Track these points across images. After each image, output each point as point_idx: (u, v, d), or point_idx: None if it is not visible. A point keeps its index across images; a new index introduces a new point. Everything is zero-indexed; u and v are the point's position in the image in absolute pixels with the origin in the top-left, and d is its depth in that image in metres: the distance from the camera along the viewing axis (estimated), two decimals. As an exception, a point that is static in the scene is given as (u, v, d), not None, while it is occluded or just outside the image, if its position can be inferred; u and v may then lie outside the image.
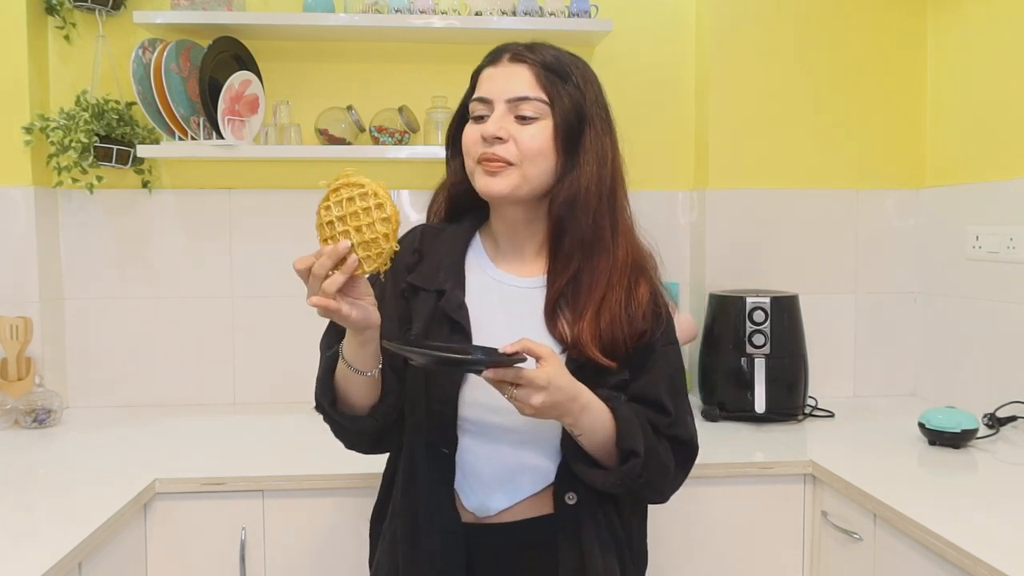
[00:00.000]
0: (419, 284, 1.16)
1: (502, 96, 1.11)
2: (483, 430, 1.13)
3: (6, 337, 2.01)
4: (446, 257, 1.18)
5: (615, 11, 2.23)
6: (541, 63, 1.12)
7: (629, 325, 1.12)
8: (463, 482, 1.14)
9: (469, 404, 1.12)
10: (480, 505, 1.14)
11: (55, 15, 2.11)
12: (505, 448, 1.13)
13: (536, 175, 1.12)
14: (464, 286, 1.17)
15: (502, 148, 1.10)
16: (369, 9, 2.10)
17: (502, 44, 1.17)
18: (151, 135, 2.15)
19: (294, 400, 2.21)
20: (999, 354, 2.00)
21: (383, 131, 2.14)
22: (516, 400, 1.00)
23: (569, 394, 1.02)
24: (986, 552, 1.20)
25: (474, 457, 1.14)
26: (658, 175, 2.35)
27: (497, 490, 1.13)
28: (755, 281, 2.26)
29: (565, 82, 1.12)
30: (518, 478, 1.13)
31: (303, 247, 2.26)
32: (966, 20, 2.15)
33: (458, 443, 1.13)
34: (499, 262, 1.20)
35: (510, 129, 1.10)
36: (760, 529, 1.72)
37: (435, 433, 1.13)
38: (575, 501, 1.12)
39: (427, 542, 1.12)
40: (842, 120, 2.29)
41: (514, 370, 0.98)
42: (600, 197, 1.13)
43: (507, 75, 1.12)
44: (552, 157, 1.12)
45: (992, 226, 2.02)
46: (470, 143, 1.14)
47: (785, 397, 2.03)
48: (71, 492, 1.55)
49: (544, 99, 1.11)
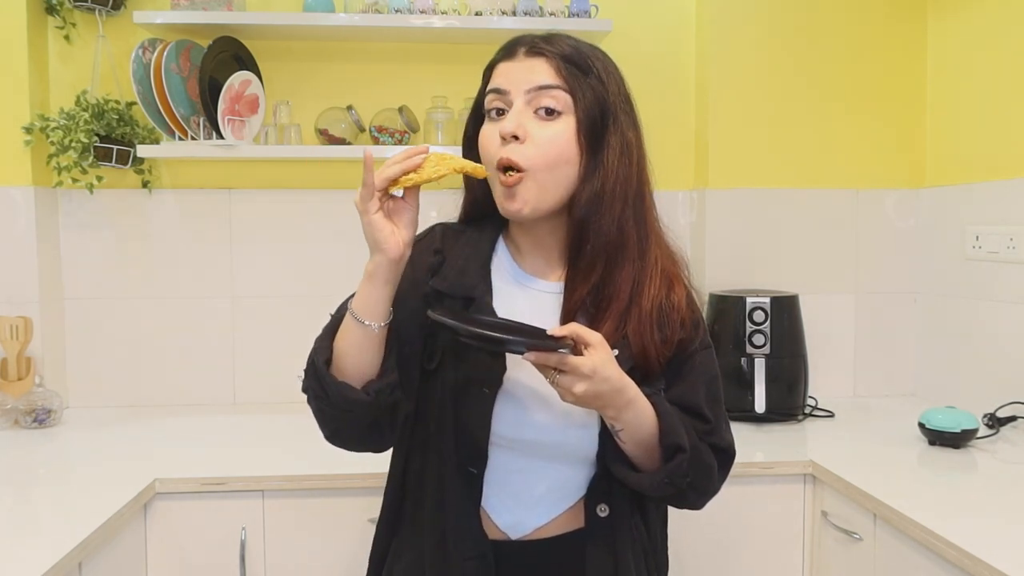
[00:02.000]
0: (444, 290, 1.08)
1: (521, 86, 1.03)
2: (514, 445, 1.07)
3: (6, 337, 2.01)
4: (472, 261, 1.11)
5: (615, 11, 2.23)
6: (560, 55, 1.04)
7: (660, 336, 1.06)
8: (493, 500, 1.08)
9: (502, 419, 1.05)
10: (515, 523, 1.08)
11: (55, 15, 2.11)
12: (539, 463, 1.07)
13: (553, 184, 1.03)
14: (492, 292, 1.09)
15: (517, 152, 1.01)
16: (369, 9, 2.10)
17: (516, 37, 1.09)
18: (151, 135, 2.15)
19: (294, 400, 2.21)
20: (999, 354, 2.00)
21: (383, 131, 2.14)
22: (558, 386, 0.95)
23: (615, 386, 0.97)
24: (986, 552, 1.20)
25: (505, 474, 1.07)
26: (658, 175, 2.29)
27: (532, 507, 1.08)
28: (755, 281, 2.26)
29: (587, 75, 1.05)
30: (552, 493, 1.08)
31: (303, 247, 2.28)
32: (966, 20, 2.15)
33: (488, 461, 1.07)
34: (524, 267, 1.13)
35: (528, 127, 1.02)
36: (760, 529, 1.72)
37: (464, 452, 1.06)
38: (607, 513, 1.08)
39: (455, 568, 1.05)
40: (842, 120, 2.29)
41: (558, 355, 0.93)
42: (625, 199, 1.06)
43: (525, 67, 1.04)
44: (575, 161, 1.04)
45: (992, 226, 2.02)
46: (488, 145, 1.05)
47: (785, 397, 2.04)
48: (71, 492, 1.55)
49: (564, 88, 1.03)
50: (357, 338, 1.00)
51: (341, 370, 1.02)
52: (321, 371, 1.01)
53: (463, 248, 1.12)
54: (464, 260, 1.11)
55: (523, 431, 1.06)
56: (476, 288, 1.08)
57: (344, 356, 1.02)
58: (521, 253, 1.13)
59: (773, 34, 2.26)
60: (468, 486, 1.06)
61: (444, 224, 1.19)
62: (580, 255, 1.06)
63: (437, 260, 1.11)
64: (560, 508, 1.09)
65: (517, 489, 1.08)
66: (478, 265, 1.10)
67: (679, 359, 1.10)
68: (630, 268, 1.06)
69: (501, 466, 1.07)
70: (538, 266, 1.12)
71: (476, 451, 1.06)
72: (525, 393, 1.05)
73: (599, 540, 1.08)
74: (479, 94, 1.10)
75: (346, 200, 2.25)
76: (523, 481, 1.08)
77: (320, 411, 1.04)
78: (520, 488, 1.08)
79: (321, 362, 1.01)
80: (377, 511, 1.19)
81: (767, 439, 1.89)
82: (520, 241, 1.13)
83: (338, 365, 1.02)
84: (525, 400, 1.06)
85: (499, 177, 1.04)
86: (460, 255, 1.11)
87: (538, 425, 1.05)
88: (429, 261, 1.11)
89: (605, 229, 1.05)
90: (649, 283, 1.07)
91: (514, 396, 1.06)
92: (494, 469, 1.07)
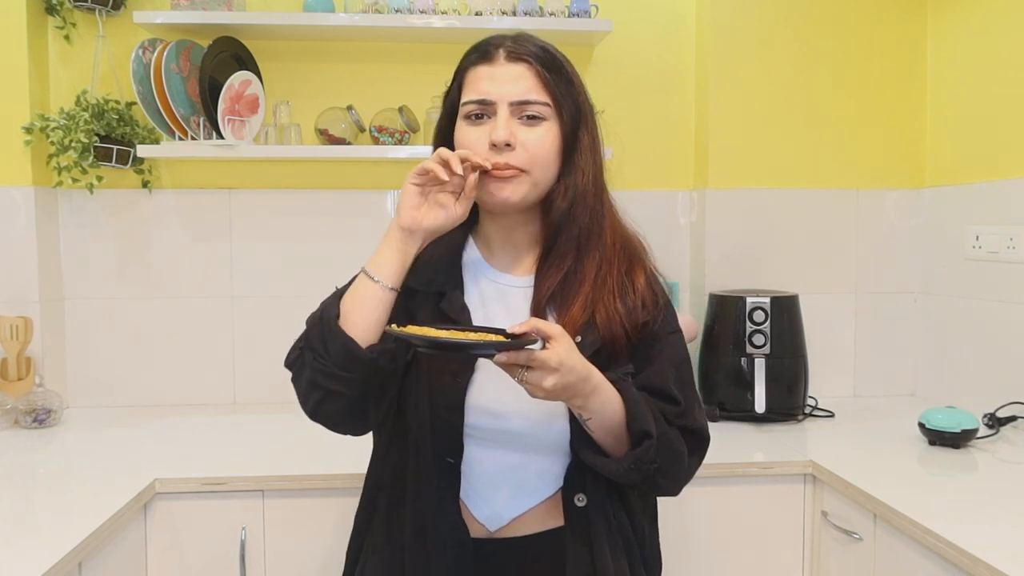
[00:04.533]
0: (417, 286, 1.13)
1: (506, 98, 1.08)
2: (490, 436, 1.10)
3: (6, 337, 2.01)
4: (441, 259, 1.16)
5: (615, 11, 2.23)
6: (540, 61, 1.09)
7: (628, 316, 1.09)
8: (471, 492, 1.10)
9: (475, 410, 1.09)
10: (491, 514, 1.10)
11: (55, 15, 2.11)
12: (513, 453, 1.10)
13: (544, 180, 1.10)
14: (463, 288, 1.15)
15: (513, 156, 1.07)
16: (369, 9, 2.10)
17: (486, 39, 1.13)
18: (151, 135, 2.15)
19: (294, 400, 2.21)
20: (999, 354, 2.00)
21: (383, 131, 2.14)
22: (527, 383, 0.97)
23: (581, 375, 0.99)
24: (986, 552, 1.20)
25: (481, 465, 1.10)
26: (658, 175, 2.35)
27: (508, 498, 1.10)
28: (755, 281, 2.26)
29: (563, 79, 1.10)
30: (528, 483, 1.11)
31: (303, 247, 2.28)
32: (966, 20, 2.15)
33: (464, 453, 1.09)
34: (493, 263, 1.18)
35: (517, 134, 1.07)
36: (760, 529, 1.72)
37: (441, 442, 1.09)
38: (585, 503, 1.10)
39: (437, 559, 1.07)
40: (842, 120, 2.29)
41: (525, 352, 0.95)
42: (596, 193, 1.13)
43: (509, 76, 1.08)
44: (557, 161, 1.11)
45: (992, 226, 2.02)
46: (473, 147, 1.08)
47: (785, 397, 2.04)
48: (71, 492, 1.55)
49: (548, 102, 1.09)
50: (365, 296, 1.05)
51: (345, 329, 1.04)
52: (330, 322, 1.04)
53: (434, 246, 1.15)
54: (434, 258, 1.15)
55: (495, 420, 1.09)
56: (447, 283, 1.13)
57: (349, 314, 1.05)
58: (490, 249, 1.18)
59: (773, 34, 2.26)
60: (446, 477, 1.09)
61: None
62: (554, 246, 1.12)
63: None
64: (537, 498, 1.11)
65: (492, 479, 1.10)
66: (448, 262, 1.16)
67: (646, 343, 1.12)
68: (596, 254, 1.12)
69: (476, 457, 1.10)
70: (507, 261, 1.17)
71: (452, 440, 1.09)
72: (497, 385, 1.07)
73: (576, 531, 1.09)
74: (452, 93, 1.14)
75: (346, 200, 2.26)
76: (498, 471, 1.10)
77: (315, 374, 1.05)
78: (497, 479, 1.10)
79: (332, 315, 1.04)
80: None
81: (767, 439, 1.89)
82: (491, 236, 1.18)
83: (343, 324, 1.04)
84: (497, 392, 1.08)
85: (485, 178, 1.08)
86: (431, 253, 1.14)
87: (510, 415, 1.08)
88: None
89: (580, 220, 1.11)
90: (609, 267, 1.12)
91: (486, 388, 1.08)
92: (471, 461, 1.10)
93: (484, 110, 1.09)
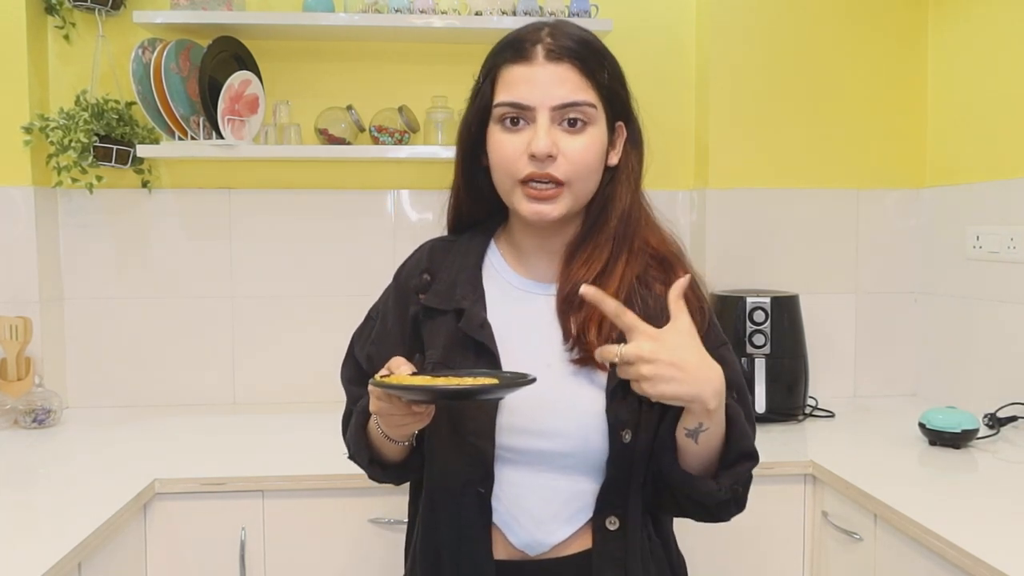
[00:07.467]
0: (435, 305, 1.06)
1: (547, 103, 0.98)
2: (525, 458, 1.01)
3: (6, 337, 2.01)
4: (461, 271, 1.08)
5: (615, 11, 2.23)
6: (582, 59, 0.99)
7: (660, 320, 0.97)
8: (508, 519, 1.02)
9: (507, 431, 1.00)
10: (532, 541, 1.01)
11: (55, 15, 2.11)
12: (551, 474, 1.01)
13: (585, 192, 1.03)
14: (484, 300, 1.06)
15: (555, 167, 0.98)
16: (369, 9, 2.10)
17: (522, 34, 1.02)
18: (151, 135, 2.15)
19: (294, 400, 2.22)
20: (999, 354, 1.99)
21: (383, 131, 2.14)
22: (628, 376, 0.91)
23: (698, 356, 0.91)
24: (986, 552, 1.20)
25: (518, 489, 1.01)
26: (658, 175, 2.32)
27: (550, 522, 1.01)
28: (755, 281, 2.26)
29: (606, 74, 1.01)
30: (571, 504, 1.01)
31: (303, 247, 2.28)
32: (967, 20, 2.15)
33: (495, 477, 1.01)
34: (521, 271, 1.09)
35: (559, 142, 0.98)
36: (760, 529, 1.72)
37: (469, 470, 1.01)
38: (617, 526, 1.01)
39: None
40: (842, 120, 2.29)
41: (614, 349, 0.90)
42: (634, 193, 1.07)
43: (549, 78, 0.98)
44: (601, 166, 1.03)
45: (992, 226, 2.02)
46: (510, 158, 1.00)
47: (785, 397, 2.03)
48: (70, 492, 1.54)
49: (594, 103, 1.00)
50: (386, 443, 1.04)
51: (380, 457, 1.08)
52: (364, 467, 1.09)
53: (453, 260, 1.09)
54: (453, 272, 1.08)
55: (529, 439, 1.01)
56: (466, 299, 1.05)
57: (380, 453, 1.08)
58: (520, 257, 1.10)
59: (773, 34, 2.26)
60: (475, 507, 1.01)
61: (434, 240, 1.16)
62: (584, 246, 1.05)
63: (424, 281, 1.10)
64: (579, 522, 1.02)
65: (530, 504, 1.01)
66: (468, 275, 1.07)
67: None
68: (629, 255, 1.05)
69: (511, 481, 1.02)
70: (538, 270, 1.09)
71: (483, 469, 1.01)
72: (529, 401, 0.99)
73: (612, 555, 1.01)
74: (483, 90, 1.04)
75: (346, 200, 2.26)
76: (537, 495, 1.02)
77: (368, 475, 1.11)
78: (534, 503, 1.01)
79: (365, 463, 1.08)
80: (378, 511, 1.19)
81: (767, 439, 1.89)
82: (522, 243, 1.09)
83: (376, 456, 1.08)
84: (531, 409, 1.01)
85: (523, 189, 1.00)
86: (450, 267, 1.09)
87: (545, 434, 1.00)
88: (416, 284, 1.10)
89: (613, 224, 1.04)
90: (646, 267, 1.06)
91: (520, 406, 1.00)
92: (505, 483, 1.02)
93: (521, 114, 0.99)
